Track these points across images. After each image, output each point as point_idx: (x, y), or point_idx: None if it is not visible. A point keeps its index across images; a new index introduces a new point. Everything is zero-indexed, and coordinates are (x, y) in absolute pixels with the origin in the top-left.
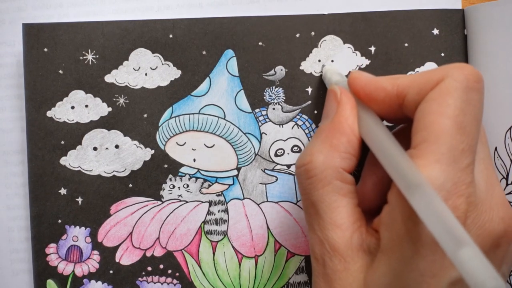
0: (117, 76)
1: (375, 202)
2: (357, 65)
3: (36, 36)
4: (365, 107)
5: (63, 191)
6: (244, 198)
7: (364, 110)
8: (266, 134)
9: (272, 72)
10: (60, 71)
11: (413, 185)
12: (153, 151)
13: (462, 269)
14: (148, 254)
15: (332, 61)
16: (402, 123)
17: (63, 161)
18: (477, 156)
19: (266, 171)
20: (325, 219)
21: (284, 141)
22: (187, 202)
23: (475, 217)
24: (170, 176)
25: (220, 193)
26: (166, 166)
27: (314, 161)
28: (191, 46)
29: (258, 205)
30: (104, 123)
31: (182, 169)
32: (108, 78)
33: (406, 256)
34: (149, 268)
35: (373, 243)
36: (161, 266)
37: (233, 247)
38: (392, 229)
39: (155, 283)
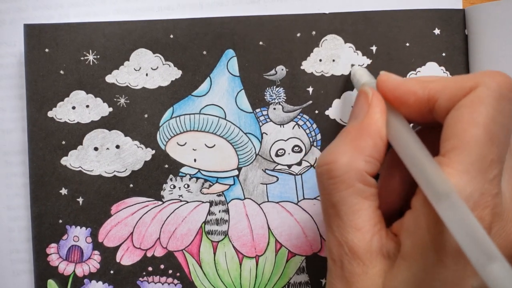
0: (118, 76)
1: (392, 205)
2: (358, 65)
3: (37, 37)
4: (393, 110)
5: (64, 191)
6: (244, 198)
7: (392, 114)
8: (266, 134)
9: (272, 71)
10: (61, 72)
11: (441, 193)
12: (153, 151)
13: (491, 284)
14: (149, 254)
15: (333, 60)
16: (430, 127)
17: (64, 161)
18: (505, 165)
19: (267, 171)
20: (345, 221)
21: (285, 141)
22: (187, 202)
23: (499, 228)
24: (171, 176)
25: (220, 193)
26: (166, 166)
27: (338, 161)
28: (192, 46)
29: (258, 205)
30: (105, 123)
31: (183, 169)
32: (109, 78)
33: (428, 265)
34: (150, 268)
35: (393, 247)
36: (162, 266)
37: (234, 247)
38: (416, 236)
39: (155, 283)
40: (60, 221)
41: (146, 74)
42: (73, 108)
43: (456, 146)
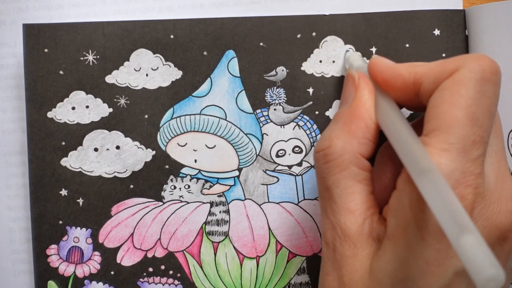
0: (118, 77)
1: (385, 192)
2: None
3: (37, 37)
4: (382, 93)
5: (64, 192)
6: (245, 199)
7: (381, 95)
8: (267, 135)
9: (273, 72)
10: (61, 72)
11: (423, 170)
12: (154, 152)
13: (462, 255)
14: (149, 255)
15: (333, 62)
16: (421, 111)
17: (64, 162)
18: (490, 149)
19: (267, 171)
20: (339, 204)
21: (285, 141)
22: (188, 203)
23: (482, 208)
24: (171, 177)
25: (221, 194)
26: (167, 167)
27: (332, 146)
28: (192, 47)
29: (259, 205)
30: (105, 124)
31: (183, 170)
32: (109, 79)
33: (412, 243)
34: (150, 269)
35: (382, 231)
36: (163, 267)
37: (234, 247)
38: (399, 215)
39: (156, 284)
40: (60, 222)
41: (146, 75)
42: (73, 108)
43: (437, 127)
